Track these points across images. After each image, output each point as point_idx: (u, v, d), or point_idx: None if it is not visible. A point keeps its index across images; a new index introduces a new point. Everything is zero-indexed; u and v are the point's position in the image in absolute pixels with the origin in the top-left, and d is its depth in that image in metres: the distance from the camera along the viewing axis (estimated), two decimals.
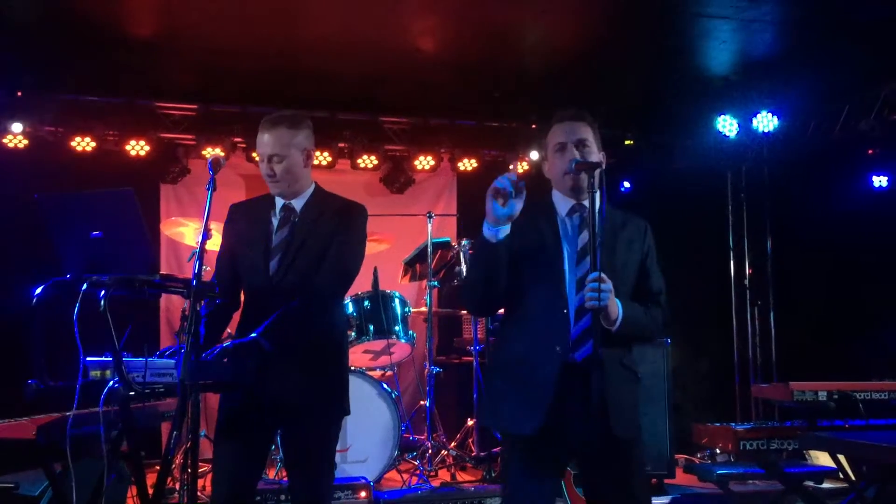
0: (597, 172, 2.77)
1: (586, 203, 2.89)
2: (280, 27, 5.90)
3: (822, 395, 4.09)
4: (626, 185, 8.05)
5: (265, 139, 3.22)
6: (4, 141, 6.64)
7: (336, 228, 3.24)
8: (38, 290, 3.00)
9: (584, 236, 2.89)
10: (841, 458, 4.20)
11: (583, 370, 2.71)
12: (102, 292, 2.84)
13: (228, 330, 3.48)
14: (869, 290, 6.74)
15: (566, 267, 2.87)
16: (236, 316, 3.34)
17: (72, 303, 2.83)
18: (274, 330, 3.05)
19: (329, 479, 3.27)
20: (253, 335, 3.01)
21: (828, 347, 6.74)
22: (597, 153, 2.96)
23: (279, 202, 3.31)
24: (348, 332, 5.66)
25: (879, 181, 7.38)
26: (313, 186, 3.37)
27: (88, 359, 2.90)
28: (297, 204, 3.29)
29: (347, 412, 3.29)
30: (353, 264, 3.29)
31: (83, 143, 6.84)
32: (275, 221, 3.27)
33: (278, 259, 3.19)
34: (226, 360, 3.01)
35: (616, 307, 2.76)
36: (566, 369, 2.78)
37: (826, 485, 4.81)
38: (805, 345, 7.13)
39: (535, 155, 7.55)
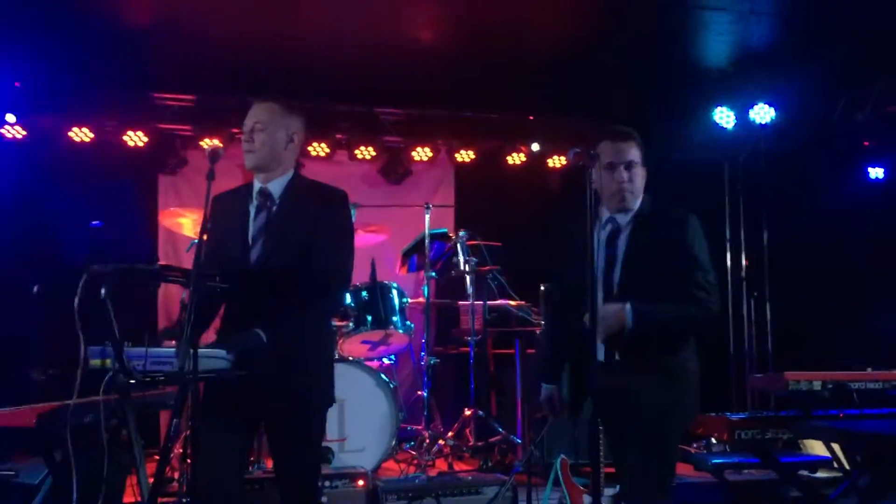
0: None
1: (618, 218, 3.20)
2: (277, 18, 5.89)
3: (817, 385, 4.10)
4: None
5: (252, 110, 3.21)
6: (2, 132, 6.64)
7: (319, 218, 3.15)
8: (39, 281, 3.01)
9: (610, 250, 3.16)
10: (835, 447, 4.22)
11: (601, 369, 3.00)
12: (103, 282, 2.86)
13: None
14: (864, 281, 6.77)
15: (598, 276, 3.13)
16: None
17: (72, 292, 2.85)
18: (266, 322, 3.06)
19: (315, 468, 3.28)
20: (257, 330, 3.02)
21: (824, 338, 6.77)
22: (642, 173, 3.25)
23: (256, 186, 3.22)
24: (346, 323, 5.68)
25: (876, 173, 7.41)
26: (292, 172, 3.27)
27: (89, 348, 2.92)
28: (275, 189, 3.20)
29: (332, 402, 3.28)
30: (348, 262, 3.22)
31: (81, 134, 6.84)
32: (252, 209, 3.20)
33: (258, 248, 3.14)
34: (227, 350, 3.03)
35: (625, 317, 3.01)
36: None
37: (820, 474, 4.85)
38: (801, 336, 7.16)
39: (535, 147, 7.60)
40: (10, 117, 6.58)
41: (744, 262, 7.99)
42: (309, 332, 3.17)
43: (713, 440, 5.75)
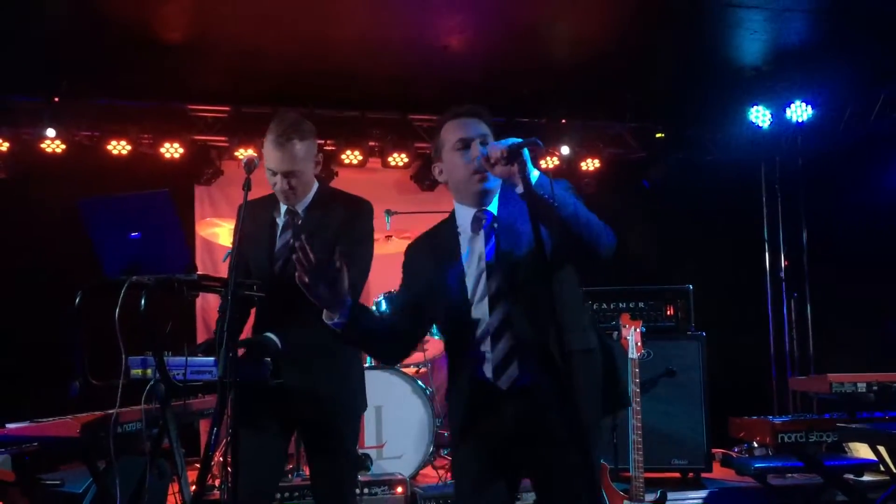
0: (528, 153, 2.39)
1: (488, 208, 2.65)
2: (309, 27, 5.94)
3: (862, 387, 4.03)
4: (646, 183, 7.84)
5: (280, 157, 3.13)
6: (42, 146, 6.75)
7: (340, 227, 3.20)
8: (80, 292, 3.06)
9: (491, 247, 2.61)
10: (881, 449, 4.15)
11: (510, 396, 2.55)
12: (143, 292, 2.89)
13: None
14: None
15: (472, 288, 2.61)
16: None
17: (113, 303, 2.88)
18: (290, 330, 3.11)
19: (351, 472, 3.30)
20: (269, 335, 3.08)
21: (866, 339, 6.64)
22: None
23: (284, 206, 3.27)
24: None
25: None
26: (316, 186, 3.32)
27: (130, 358, 2.96)
28: (301, 206, 3.27)
29: (365, 407, 3.33)
30: (363, 264, 3.23)
31: (119, 147, 6.93)
32: (279, 223, 3.26)
33: (282, 262, 3.19)
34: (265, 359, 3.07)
35: (524, 171, 2.36)
36: (489, 398, 2.56)
37: (866, 477, 4.76)
38: (842, 336, 7.04)
39: (565, 150, 7.53)
40: (51, 132, 6.69)
41: (783, 262, 7.88)
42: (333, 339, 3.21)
43: (755, 444, 5.67)
